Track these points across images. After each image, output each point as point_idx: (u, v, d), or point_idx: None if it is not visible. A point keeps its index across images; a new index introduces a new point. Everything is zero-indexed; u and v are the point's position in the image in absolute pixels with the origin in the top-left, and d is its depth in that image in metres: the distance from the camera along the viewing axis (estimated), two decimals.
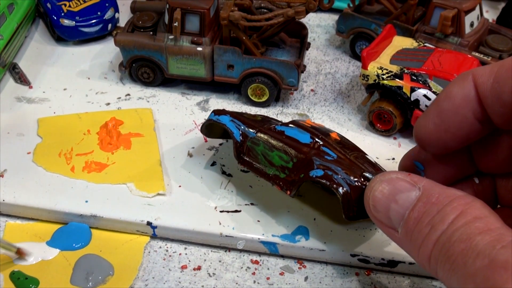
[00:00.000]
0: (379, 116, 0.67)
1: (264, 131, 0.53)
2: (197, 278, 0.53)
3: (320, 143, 0.51)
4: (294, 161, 0.51)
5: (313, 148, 0.51)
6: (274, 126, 0.54)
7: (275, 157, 0.52)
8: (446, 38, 0.72)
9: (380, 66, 0.65)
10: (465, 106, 0.39)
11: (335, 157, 0.50)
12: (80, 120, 0.67)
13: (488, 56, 0.70)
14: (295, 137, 0.52)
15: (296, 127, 0.53)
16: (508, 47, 0.71)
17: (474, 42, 0.71)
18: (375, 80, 0.65)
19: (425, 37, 0.73)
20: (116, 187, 0.59)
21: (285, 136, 0.52)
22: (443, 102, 0.40)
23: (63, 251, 0.54)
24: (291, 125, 0.54)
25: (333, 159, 0.49)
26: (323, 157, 0.50)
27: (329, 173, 0.48)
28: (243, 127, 0.55)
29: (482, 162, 0.44)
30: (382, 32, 0.70)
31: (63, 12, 0.79)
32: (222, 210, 0.57)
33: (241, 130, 0.55)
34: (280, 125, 0.54)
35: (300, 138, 0.52)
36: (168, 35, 0.68)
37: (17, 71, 0.75)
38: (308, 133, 0.52)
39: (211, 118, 0.57)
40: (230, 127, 0.55)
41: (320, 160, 0.49)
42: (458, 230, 0.33)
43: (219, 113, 0.57)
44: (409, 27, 0.74)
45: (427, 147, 0.43)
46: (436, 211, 0.36)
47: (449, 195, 0.36)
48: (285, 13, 0.65)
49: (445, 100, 0.40)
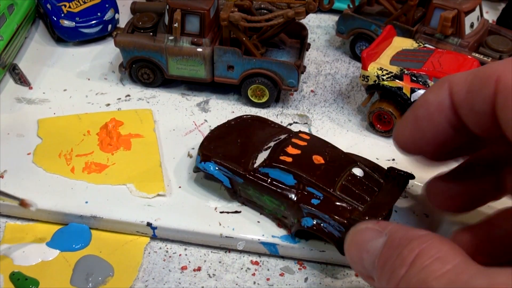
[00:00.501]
0: (379, 117, 0.67)
1: (250, 177, 0.54)
2: (197, 279, 0.53)
3: (305, 185, 0.52)
4: (285, 206, 0.53)
5: (298, 190, 0.52)
6: (258, 169, 0.54)
7: (266, 201, 0.54)
8: (446, 39, 0.72)
9: (380, 67, 0.65)
10: (439, 114, 0.40)
11: (321, 197, 0.52)
12: (80, 121, 0.67)
13: (488, 57, 0.70)
14: (279, 180, 0.53)
15: (278, 168, 0.53)
16: (508, 48, 0.71)
17: (474, 43, 0.71)
18: (375, 81, 0.65)
19: (425, 38, 0.73)
20: (116, 188, 0.59)
21: (270, 179, 0.53)
22: (418, 109, 0.41)
23: (63, 252, 0.54)
24: (273, 167, 0.53)
25: (319, 202, 0.51)
26: (310, 201, 0.52)
27: (319, 223, 0.50)
28: (230, 174, 0.55)
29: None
30: (382, 33, 0.70)
31: (63, 13, 0.79)
32: (222, 211, 0.57)
33: (229, 177, 0.55)
34: (263, 167, 0.54)
35: (284, 180, 0.53)
36: (168, 36, 0.68)
37: (17, 72, 0.75)
38: (291, 174, 0.53)
39: (198, 166, 0.57)
40: (218, 176, 0.56)
41: (307, 208, 0.51)
42: (415, 276, 0.34)
43: (205, 159, 0.56)
44: (409, 28, 0.74)
45: (404, 151, 0.44)
46: (396, 255, 0.36)
47: (409, 237, 0.37)
48: (285, 14, 0.65)
49: (421, 107, 0.41)
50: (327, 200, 0.51)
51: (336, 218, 0.50)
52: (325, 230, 0.50)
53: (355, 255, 0.41)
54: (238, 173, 0.55)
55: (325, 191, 0.52)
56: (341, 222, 0.49)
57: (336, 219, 0.49)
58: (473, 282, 0.31)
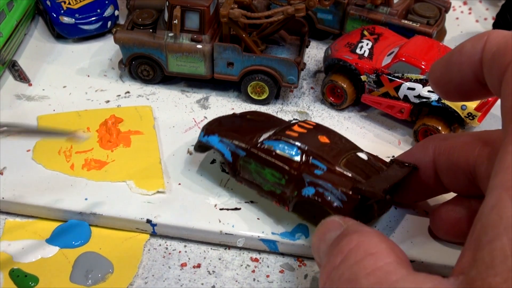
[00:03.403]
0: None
1: (253, 150, 0.53)
2: (196, 276, 0.53)
3: (309, 156, 0.51)
4: (286, 178, 0.51)
5: (302, 162, 0.51)
6: (262, 142, 0.53)
7: (267, 175, 0.53)
8: (376, 8, 0.75)
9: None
10: (469, 65, 0.39)
11: (324, 169, 0.50)
12: (80, 118, 0.67)
13: (417, 23, 0.74)
14: (284, 152, 0.52)
15: (283, 140, 0.53)
16: (434, 13, 0.75)
17: (403, 11, 0.75)
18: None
19: (356, 8, 0.76)
20: (115, 184, 0.59)
21: (274, 152, 0.52)
22: (454, 54, 0.41)
23: (63, 249, 0.54)
24: (278, 139, 0.53)
25: (323, 173, 0.50)
26: (313, 172, 0.50)
27: (320, 191, 0.49)
28: (233, 146, 0.55)
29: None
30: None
31: (62, 9, 0.78)
32: (222, 207, 0.57)
33: (231, 150, 0.55)
34: (268, 140, 0.53)
35: (288, 153, 0.52)
36: (167, 33, 0.68)
37: (16, 68, 0.75)
38: (295, 146, 0.52)
39: (201, 140, 0.57)
40: (220, 148, 0.55)
41: (310, 177, 0.50)
42: (348, 269, 0.34)
43: (208, 133, 0.57)
44: (340, 1, 0.76)
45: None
46: (336, 245, 0.37)
47: (354, 230, 0.38)
48: (285, 10, 0.65)
49: (456, 53, 0.41)
50: (330, 171, 0.50)
51: (339, 187, 0.48)
52: (327, 198, 0.48)
53: (316, 244, 0.42)
54: (241, 146, 0.54)
55: (329, 163, 0.50)
56: (344, 191, 0.48)
57: (339, 187, 0.48)
58: (400, 284, 0.31)
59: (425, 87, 0.63)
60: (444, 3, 0.78)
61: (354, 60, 0.67)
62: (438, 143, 0.49)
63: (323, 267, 0.37)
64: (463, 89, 0.41)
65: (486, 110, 0.62)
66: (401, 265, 0.33)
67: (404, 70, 0.64)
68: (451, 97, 0.43)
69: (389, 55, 0.67)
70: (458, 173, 0.47)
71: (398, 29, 0.73)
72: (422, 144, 0.51)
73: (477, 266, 0.28)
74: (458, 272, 0.30)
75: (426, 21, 0.74)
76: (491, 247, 0.28)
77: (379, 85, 0.66)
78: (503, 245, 0.28)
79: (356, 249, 0.35)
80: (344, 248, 0.36)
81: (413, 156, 0.52)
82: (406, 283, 0.31)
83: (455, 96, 0.43)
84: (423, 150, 0.50)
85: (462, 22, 0.89)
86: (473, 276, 0.28)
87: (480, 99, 0.53)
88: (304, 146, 0.52)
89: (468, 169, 0.45)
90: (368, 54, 0.68)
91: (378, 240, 0.36)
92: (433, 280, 0.31)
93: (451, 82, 0.41)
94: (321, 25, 0.79)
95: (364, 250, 0.35)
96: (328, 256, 0.37)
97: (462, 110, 0.62)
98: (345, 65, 0.68)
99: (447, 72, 0.41)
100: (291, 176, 0.51)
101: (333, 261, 0.36)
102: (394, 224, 0.55)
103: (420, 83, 0.63)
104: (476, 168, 0.44)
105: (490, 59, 0.37)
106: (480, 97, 0.42)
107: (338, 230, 0.40)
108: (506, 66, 0.34)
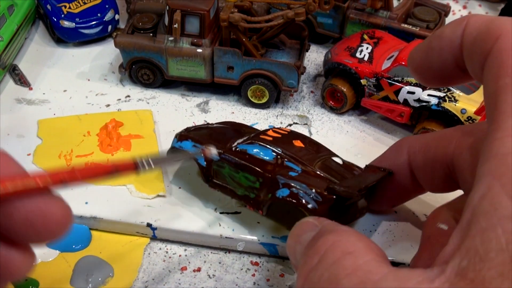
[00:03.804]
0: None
1: (227, 154, 0.53)
2: (197, 280, 0.53)
3: (283, 158, 0.51)
4: (260, 181, 0.51)
5: (277, 164, 0.51)
6: (236, 146, 0.53)
7: (241, 178, 0.52)
8: (376, 12, 0.75)
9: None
10: (449, 50, 0.39)
11: (299, 171, 0.50)
12: (80, 122, 0.67)
13: (417, 27, 0.74)
14: (257, 156, 0.52)
15: (257, 144, 0.53)
16: (433, 18, 0.75)
17: (402, 15, 0.75)
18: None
19: (356, 13, 0.76)
20: (116, 188, 0.59)
21: (248, 155, 0.52)
22: (433, 40, 0.40)
23: (63, 253, 0.54)
24: (252, 142, 0.53)
25: (297, 174, 0.50)
26: (287, 174, 0.50)
27: (295, 192, 0.48)
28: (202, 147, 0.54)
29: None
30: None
31: (63, 13, 0.79)
32: (222, 211, 0.57)
33: None
34: (242, 143, 0.53)
35: (263, 155, 0.52)
36: (168, 37, 0.68)
37: (17, 72, 0.75)
38: (270, 149, 0.52)
39: (174, 146, 0.57)
40: (194, 153, 0.55)
41: (284, 179, 0.49)
42: (327, 269, 0.33)
43: (181, 139, 0.56)
44: (340, 5, 0.76)
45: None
46: (312, 245, 0.36)
47: (329, 230, 0.37)
48: (285, 14, 0.65)
49: (436, 39, 0.40)
50: (305, 173, 0.50)
51: (313, 187, 0.47)
52: (301, 199, 0.47)
53: (291, 246, 0.41)
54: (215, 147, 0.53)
55: (304, 165, 0.50)
56: (319, 192, 0.47)
57: (313, 188, 0.47)
58: (382, 283, 0.30)
59: (425, 91, 0.63)
60: (443, 7, 0.78)
61: (354, 64, 0.67)
62: (412, 142, 0.49)
63: (300, 269, 0.36)
64: (443, 75, 0.40)
65: (485, 114, 0.62)
66: (380, 262, 0.32)
67: (404, 74, 0.64)
68: (431, 82, 0.43)
69: (389, 59, 0.67)
70: (435, 168, 0.46)
71: (398, 33, 0.73)
72: (395, 146, 0.51)
73: (469, 256, 0.27)
74: (441, 261, 0.29)
75: (426, 25, 0.74)
76: (483, 237, 0.27)
77: (379, 89, 0.66)
78: (498, 236, 0.27)
79: (332, 249, 0.34)
80: (321, 248, 0.35)
81: (387, 159, 0.51)
82: (389, 282, 0.30)
83: (435, 81, 0.42)
84: (397, 151, 0.50)
85: None
86: (465, 266, 0.27)
87: (460, 84, 0.53)
88: (279, 149, 0.52)
89: (445, 161, 0.45)
90: (368, 58, 0.68)
91: (355, 239, 0.35)
92: (416, 276, 0.29)
93: (431, 68, 0.41)
94: (321, 29, 0.79)
95: (342, 250, 0.34)
96: (305, 257, 0.36)
97: (462, 114, 0.62)
98: (345, 69, 0.68)
99: (427, 57, 0.41)
100: (265, 179, 0.50)
101: (310, 262, 0.35)
102: (394, 227, 0.55)
103: (420, 87, 0.63)
104: (454, 160, 0.44)
105: (471, 44, 0.36)
106: (460, 82, 0.42)
107: (314, 231, 0.39)
108: (487, 51, 0.34)
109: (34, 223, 0.33)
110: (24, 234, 0.33)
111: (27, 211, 0.32)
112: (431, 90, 0.63)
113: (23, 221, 0.32)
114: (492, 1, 0.94)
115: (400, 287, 0.29)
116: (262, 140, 0.53)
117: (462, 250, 0.28)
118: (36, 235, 0.33)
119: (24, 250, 0.34)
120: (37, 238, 0.34)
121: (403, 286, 0.29)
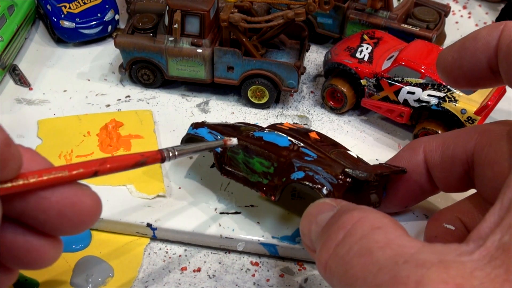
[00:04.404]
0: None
1: (242, 139, 0.52)
2: (197, 280, 0.53)
3: (299, 145, 0.51)
4: (275, 166, 0.50)
5: (292, 150, 0.51)
6: (252, 133, 0.53)
7: (256, 164, 0.52)
8: (376, 13, 0.75)
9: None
10: (483, 51, 0.39)
11: (315, 157, 0.50)
12: (80, 122, 0.67)
13: (417, 27, 0.74)
14: (273, 142, 0.52)
15: (273, 131, 0.53)
16: (433, 18, 0.75)
17: (402, 15, 0.75)
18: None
19: (356, 13, 0.76)
20: (116, 188, 0.59)
21: (264, 141, 0.52)
22: (468, 40, 0.41)
23: (63, 253, 0.54)
24: (269, 130, 0.53)
25: (313, 159, 0.49)
26: (303, 158, 0.49)
27: (310, 174, 0.47)
28: (222, 137, 0.54)
29: None
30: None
31: (63, 13, 0.79)
32: (222, 211, 0.57)
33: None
34: (258, 131, 0.53)
35: (278, 142, 0.52)
36: (168, 37, 0.68)
37: (17, 72, 0.75)
38: (286, 136, 0.52)
39: (190, 132, 0.57)
40: (209, 139, 0.55)
41: (300, 162, 0.49)
42: (357, 243, 0.32)
43: (197, 126, 0.57)
44: (340, 5, 0.76)
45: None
46: (335, 222, 0.35)
47: (354, 208, 0.36)
48: (285, 15, 0.65)
49: (470, 39, 0.41)
50: (321, 158, 0.50)
51: (329, 170, 0.47)
52: (317, 181, 0.46)
53: (305, 226, 0.40)
54: (231, 135, 0.53)
55: (319, 152, 0.50)
56: (335, 174, 0.46)
57: (329, 171, 0.47)
58: (420, 256, 0.29)
59: (425, 91, 0.63)
60: (443, 7, 0.78)
61: (354, 64, 0.67)
62: (428, 142, 0.49)
63: (322, 246, 0.35)
64: (473, 75, 0.41)
65: (485, 114, 0.62)
66: (410, 237, 0.32)
67: (403, 74, 0.64)
68: (459, 83, 0.43)
69: (388, 59, 0.67)
70: (453, 165, 0.47)
71: (397, 33, 0.73)
72: (409, 147, 0.51)
73: (511, 231, 0.27)
74: (477, 236, 0.29)
75: (425, 25, 0.74)
76: None
77: (379, 89, 0.66)
78: None
79: (360, 224, 0.33)
80: (346, 223, 0.34)
81: (402, 159, 0.51)
82: (427, 254, 0.29)
83: (463, 82, 0.42)
84: (412, 151, 0.50)
85: (462, 26, 0.89)
86: (506, 241, 0.27)
87: (488, 87, 0.54)
88: (295, 135, 0.52)
89: (465, 158, 0.45)
90: (368, 58, 0.68)
91: (380, 215, 0.34)
92: (454, 250, 0.29)
93: (461, 69, 0.41)
94: (321, 29, 0.79)
95: (370, 224, 0.33)
96: (327, 234, 0.35)
97: (462, 114, 0.62)
98: (345, 69, 0.68)
99: (460, 58, 0.41)
100: (280, 164, 0.50)
101: (335, 238, 0.34)
102: None
103: (420, 87, 0.63)
104: (475, 155, 0.44)
105: (507, 47, 0.37)
106: (488, 85, 0.42)
107: (331, 211, 0.38)
108: None
109: (67, 214, 0.33)
110: (58, 226, 0.34)
111: (60, 203, 0.33)
112: (431, 90, 0.63)
113: (56, 213, 0.33)
114: (492, 1, 0.94)
115: (440, 259, 0.28)
116: (279, 129, 0.53)
117: (503, 226, 0.28)
118: (69, 226, 0.34)
119: (54, 240, 0.35)
120: (70, 229, 0.34)
121: (443, 258, 0.28)
